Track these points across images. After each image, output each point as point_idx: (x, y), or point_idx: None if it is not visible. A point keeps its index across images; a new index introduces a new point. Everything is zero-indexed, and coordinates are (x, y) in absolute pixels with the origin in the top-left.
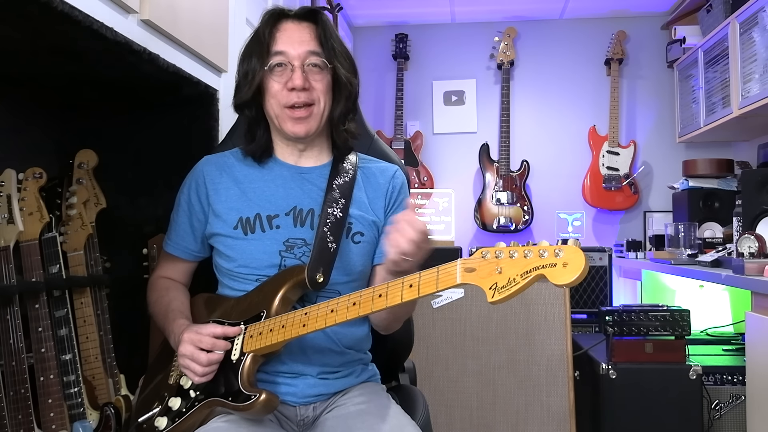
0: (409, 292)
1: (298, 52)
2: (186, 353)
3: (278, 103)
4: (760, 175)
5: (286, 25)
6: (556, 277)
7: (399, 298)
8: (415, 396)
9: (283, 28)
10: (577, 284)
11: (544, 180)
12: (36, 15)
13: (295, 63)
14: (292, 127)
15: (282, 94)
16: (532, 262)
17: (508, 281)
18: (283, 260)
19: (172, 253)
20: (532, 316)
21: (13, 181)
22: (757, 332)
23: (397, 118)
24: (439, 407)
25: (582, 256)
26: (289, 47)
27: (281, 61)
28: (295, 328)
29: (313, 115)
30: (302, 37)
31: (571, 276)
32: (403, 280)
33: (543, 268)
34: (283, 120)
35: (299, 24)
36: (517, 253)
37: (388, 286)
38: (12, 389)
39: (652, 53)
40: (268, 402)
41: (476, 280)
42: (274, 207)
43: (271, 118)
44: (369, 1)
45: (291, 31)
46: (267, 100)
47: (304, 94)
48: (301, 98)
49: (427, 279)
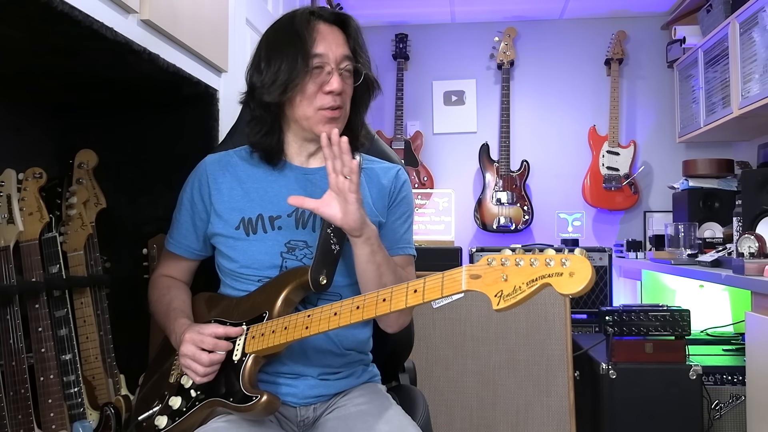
0: (414, 297)
1: (335, 55)
2: (188, 353)
3: (311, 104)
4: (760, 175)
5: (322, 27)
6: (562, 287)
7: (403, 303)
8: (415, 396)
9: (320, 30)
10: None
11: (544, 180)
12: (36, 15)
13: (333, 66)
14: (324, 127)
15: (318, 97)
16: (538, 270)
17: (514, 289)
18: (285, 261)
19: (174, 251)
20: (532, 316)
21: (13, 181)
22: (757, 332)
23: (397, 118)
24: (439, 407)
25: (589, 266)
26: (328, 50)
27: (320, 63)
28: (298, 330)
29: (341, 118)
30: (337, 41)
31: (577, 286)
32: (407, 286)
33: (549, 277)
34: (315, 121)
35: (332, 27)
36: (523, 261)
37: (392, 291)
38: (12, 389)
39: (652, 53)
40: (270, 404)
41: (482, 287)
42: (277, 208)
43: (296, 119)
44: (369, 1)
45: (326, 34)
46: (297, 101)
47: (340, 98)
48: (337, 102)
49: (432, 285)
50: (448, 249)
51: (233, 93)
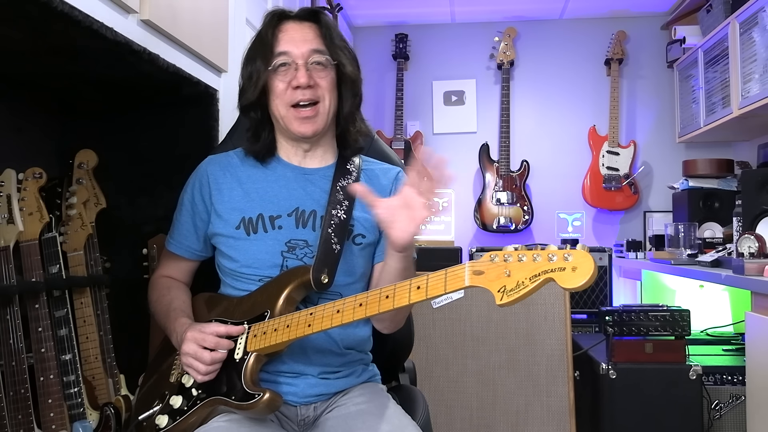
0: (417, 293)
1: (301, 51)
2: (189, 352)
3: (283, 102)
4: (760, 175)
5: (288, 26)
6: (565, 281)
7: (407, 300)
8: (415, 396)
9: (285, 29)
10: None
11: (544, 180)
12: (36, 15)
13: (298, 62)
14: (299, 126)
15: (287, 94)
16: (540, 265)
17: (517, 284)
18: (285, 261)
19: (175, 252)
20: (532, 316)
21: (13, 181)
22: (757, 332)
23: (397, 118)
24: (439, 407)
25: (591, 260)
26: (292, 47)
27: (285, 60)
28: (300, 328)
29: (319, 114)
30: (305, 37)
31: (580, 280)
32: (410, 282)
33: (552, 272)
34: (289, 120)
35: (301, 24)
36: (525, 257)
37: (395, 288)
38: (12, 389)
39: (652, 53)
40: (272, 401)
41: (485, 283)
42: (277, 207)
43: (276, 119)
44: (369, 1)
45: (293, 31)
46: (272, 101)
47: (309, 91)
48: (306, 95)
49: (435, 281)
50: (448, 249)
51: (233, 93)
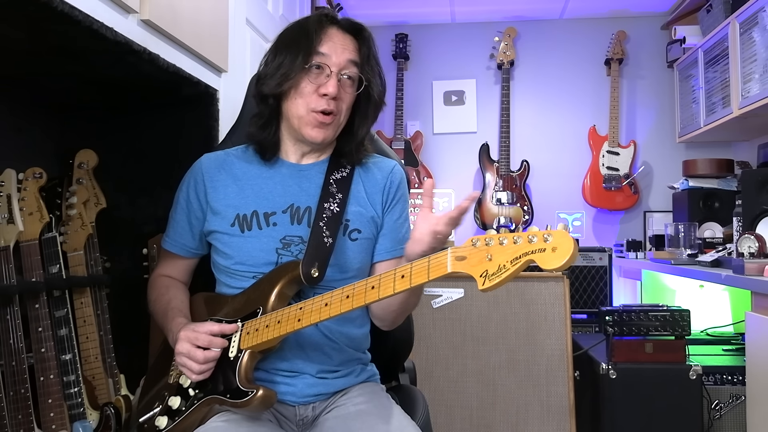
0: (401, 282)
1: (339, 59)
2: (183, 351)
3: (305, 104)
4: (760, 175)
5: (333, 31)
6: (545, 262)
7: (391, 290)
8: (415, 396)
9: (329, 33)
10: (573, 279)
11: (544, 180)
12: (36, 15)
13: (333, 69)
14: (311, 131)
15: (312, 98)
16: (521, 248)
17: (498, 268)
18: (280, 257)
19: (170, 250)
20: (532, 316)
21: (13, 181)
22: (757, 332)
23: (397, 118)
24: (439, 407)
25: (570, 239)
26: (333, 51)
27: (321, 62)
28: (290, 323)
29: (333, 125)
30: (346, 46)
31: (560, 260)
32: (395, 271)
33: (532, 253)
34: (305, 122)
35: (344, 34)
36: (506, 240)
37: (380, 278)
38: (12, 389)
39: (652, 53)
40: (266, 398)
41: (467, 268)
42: (272, 204)
43: (289, 117)
44: (369, 1)
45: (336, 38)
46: (292, 98)
47: (334, 102)
48: (330, 106)
49: (419, 269)
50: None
51: (233, 93)
